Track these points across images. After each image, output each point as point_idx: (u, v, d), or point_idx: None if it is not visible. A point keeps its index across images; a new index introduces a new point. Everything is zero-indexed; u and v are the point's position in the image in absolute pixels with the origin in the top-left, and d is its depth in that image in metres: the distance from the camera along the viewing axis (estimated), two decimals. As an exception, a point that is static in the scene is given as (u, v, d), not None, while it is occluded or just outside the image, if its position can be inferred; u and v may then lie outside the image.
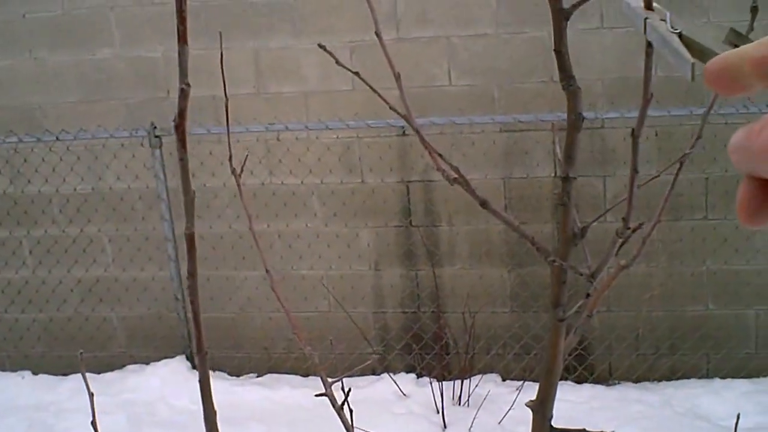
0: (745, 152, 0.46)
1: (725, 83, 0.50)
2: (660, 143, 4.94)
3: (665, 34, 1.04)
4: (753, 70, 0.49)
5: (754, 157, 0.45)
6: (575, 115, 1.57)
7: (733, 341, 5.18)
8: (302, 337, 1.98)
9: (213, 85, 5.32)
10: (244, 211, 5.48)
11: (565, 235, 1.71)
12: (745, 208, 0.49)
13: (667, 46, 1.03)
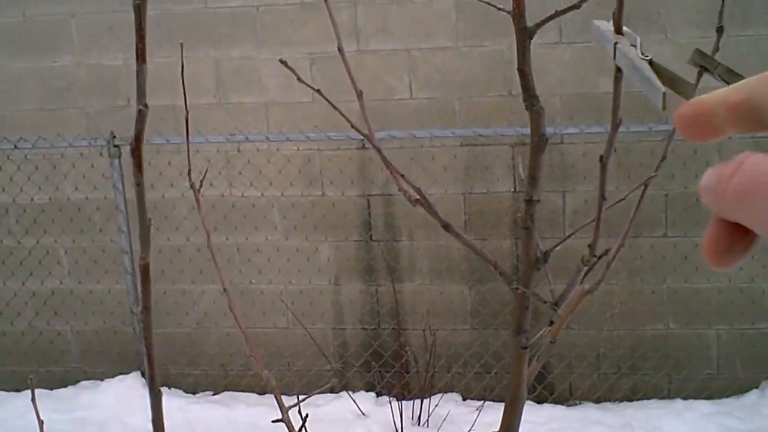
0: (717, 196, 0.45)
1: (698, 129, 0.49)
2: (619, 159, 4.92)
3: (635, 60, 1.08)
4: (729, 116, 0.48)
5: (726, 203, 0.44)
6: (539, 137, 1.56)
7: (694, 361, 5.13)
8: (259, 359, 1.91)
9: (174, 94, 5.27)
10: (202, 224, 5.42)
11: (527, 259, 1.68)
12: (713, 248, 0.48)
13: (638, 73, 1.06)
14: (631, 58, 1.09)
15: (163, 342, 5.64)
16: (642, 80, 1.06)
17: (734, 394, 5.08)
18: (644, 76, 1.05)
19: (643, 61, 1.07)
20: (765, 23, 4.73)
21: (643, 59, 1.08)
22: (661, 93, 1.01)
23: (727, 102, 0.47)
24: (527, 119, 5.53)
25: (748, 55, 4.77)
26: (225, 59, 5.16)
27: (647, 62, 1.07)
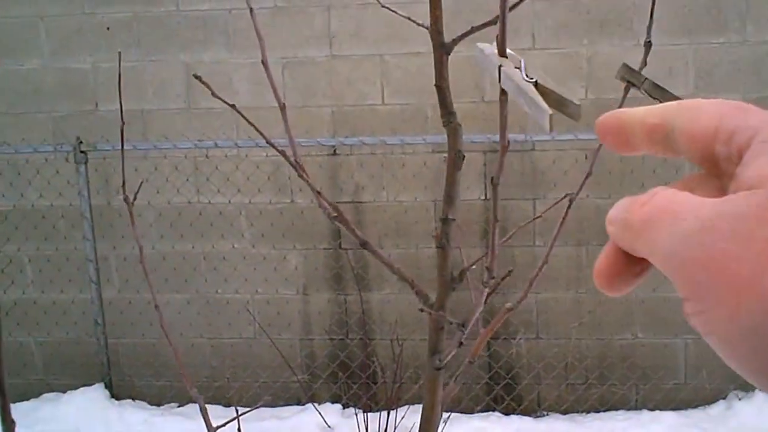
0: (624, 225, 0.45)
1: (616, 141, 0.50)
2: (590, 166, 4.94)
3: (520, 82, 1.08)
4: (644, 136, 0.49)
5: (631, 233, 0.44)
6: (455, 153, 1.54)
7: (662, 371, 5.13)
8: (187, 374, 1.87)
9: (142, 98, 5.23)
10: (168, 231, 5.35)
11: (442, 279, 1.65)
12: (605, 273, 0.48)
13: (523, 95, 1.07)
14: (515, 80, 1.08)
15: (128, 353, 5.54)
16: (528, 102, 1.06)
17: (701, 405, 5.08)
18: (529, 98, 1.05)
19: (528, 84, 1.07)
20: (736, 30, 4.80)
21: (528, 81, 1.07)
22: (548, 114, 1.01)
23: (644, 122, 0.48)
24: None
25: (720, 62, 4.83)
26: (196, 63, 5.13)
27: (532, 84, 1.06)
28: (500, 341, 5.21)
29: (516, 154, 4.98)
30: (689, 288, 0.41)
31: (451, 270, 1.63)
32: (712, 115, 0.45)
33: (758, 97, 4.84)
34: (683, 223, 0.41)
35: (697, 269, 0.40)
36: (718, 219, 0.40)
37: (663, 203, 0.43)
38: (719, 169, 0.45)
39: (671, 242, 0.41)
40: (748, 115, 0.44)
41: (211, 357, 5.49)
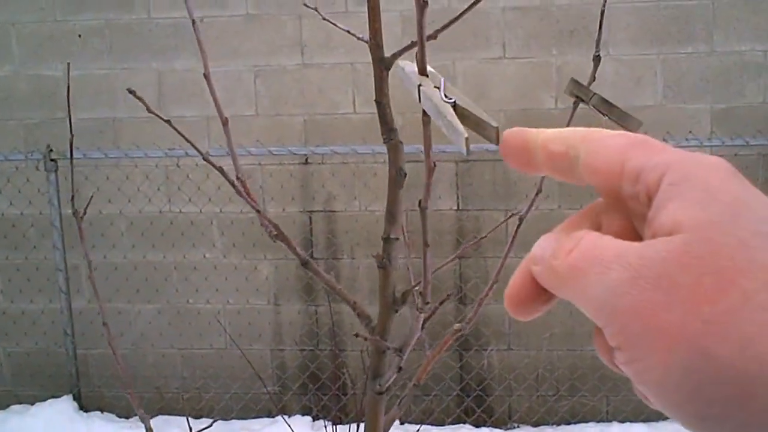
0: (550, 271, 0.45)
1: (518, 160, 0.50)
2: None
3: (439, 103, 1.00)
4: (546, 160, 0.49)
5: (558, 279, 0.45)
6: (396, 171, 1.50)
7: (632, 383, 5.10)
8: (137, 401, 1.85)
9: (114, 106, 5.20)
10: (139, 240, 5.31)
11: (384, 300, 1.60)
12: (514, 299, 0.49)
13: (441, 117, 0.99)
14: (434, 101, 1.02)
15: (97, 363, 5.48)
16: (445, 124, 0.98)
17: (670, 418, 5.05)
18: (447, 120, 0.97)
19: (446, 105, 0.99)
20: (704, 40, 4.83)
21: (446, 102, 1.00)
22: (464, 137, 0.95)
23: (547, 148, 0.48)
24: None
25: (688, 72, 4.85)
26: (167, 71, 5.11)
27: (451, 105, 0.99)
28: (472, 352, 5.19)
29: (488, 164, 4.99)
30: (621, 338, 0.41)
31: (394, 291, 1.59)
32: (617, 149, 0.44)
33: (726, 107, 4.87)
34: (611, 273, 0.41)
35: (628, 319, 0.40)
36: (643, 267, 0.40)
37: (589, 250, 0.42)
38: (625, 205, 0.45)
39: (601, 292, 0.41)
40: (653, 152, 0.43)
41: (182, 368, 5.43)
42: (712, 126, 4.89)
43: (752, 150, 4.83)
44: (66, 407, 5.41)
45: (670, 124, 4.87)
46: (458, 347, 5.17)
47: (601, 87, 5.19)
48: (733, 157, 4.87)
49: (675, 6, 4.82)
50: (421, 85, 1.05)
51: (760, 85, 4.85)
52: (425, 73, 1.08)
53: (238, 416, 5.36)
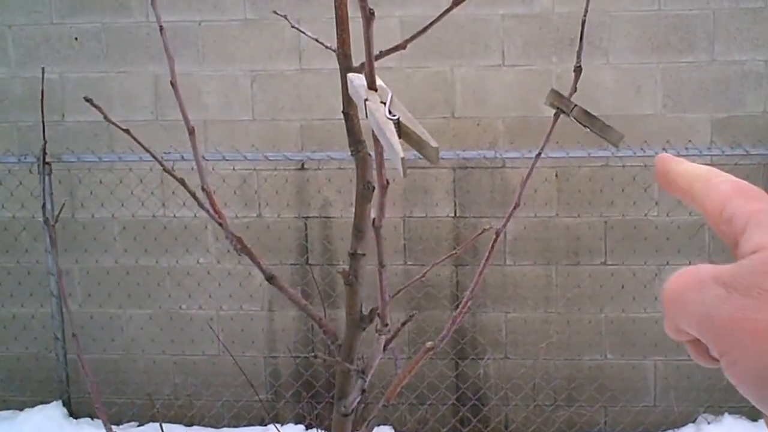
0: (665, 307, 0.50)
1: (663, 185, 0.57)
2: (560, 185, 4.91)
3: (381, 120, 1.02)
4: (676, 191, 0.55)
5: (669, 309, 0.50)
6: (364, 184, 1.46)
7: (631, 393, 5.07)
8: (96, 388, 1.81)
9: (110, 110, 5.12)
10: (132, 245, 5.25)
11: (350, 318, 1.55)
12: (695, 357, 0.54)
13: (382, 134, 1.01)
14: (377, 117, 1.04)
15: (88, 369, 5.40)
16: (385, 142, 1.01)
17: (670, 428, 5.01)
18: (386, 138, 1.00)
19: (388, 122, 1.02)
20: (704, 50, 4.81)
21: (389, 119, 1.02)
22: (399, 158, 0.96)
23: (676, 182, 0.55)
24: (470, 142, 5.54)
25: (688, 81, 4.83)
26: (164, 75, 5.06)
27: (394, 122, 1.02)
28: (468, 361, 5.14)
29: (486, 171, 4.95)
30: (721, 343, 0.46)
31: (361, 308, 1.54)
32: (721, 195, 0.51)
33: (726, 116, 4.84)
34: (709, 291, 0.46)
35: (725, 326, 0.45)
36: (735, 281, 0.45)
37: (690, 274, 0.48)
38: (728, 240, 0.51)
39: (702, 308, 0.46)
40: (747, 201, 0.50)
41: (174, 374, 5.37)
42: (712, 135, 4.86)
43: (752, 160, 4.81)
44: (55, 413, 5.34)
45: (669, 134, 4.84)
46: (454, 356, 5.12)
47: (600, 95, 5.16)
48: (733, 166, 4.84)
49: (675, 15, 4.80)
50: (368, 99, 1.08)
51: (761, 95, 4.82)
52: (374, 88, 1.12)
53: (230, 424, 5.30)
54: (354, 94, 1.14)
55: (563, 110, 1.55)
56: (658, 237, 4.94)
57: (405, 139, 1.01)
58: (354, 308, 1.53)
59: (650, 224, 4.93)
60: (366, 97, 1.08)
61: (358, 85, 1.13)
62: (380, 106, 1.04)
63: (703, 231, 4.91)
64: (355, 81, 1.15)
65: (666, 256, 4.95)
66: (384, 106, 1.05)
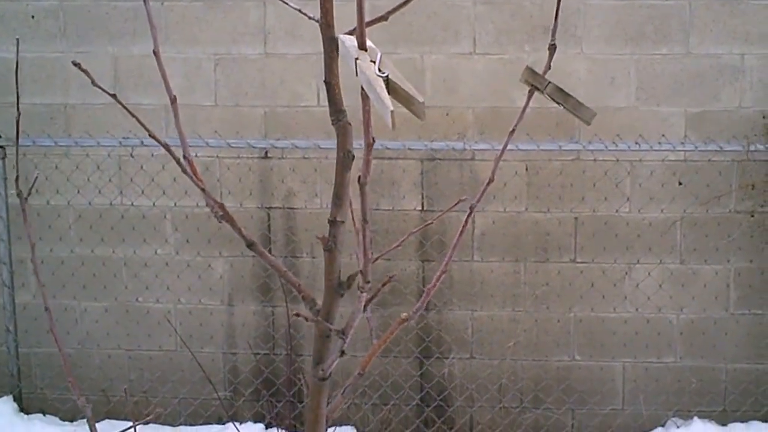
0: None
1: None
2: (530, 178, 4.78)
3: (372, 77, 1.10)
4: None
5: None
6: (344, 153, 1.49)
7: (599, 396, 4.93)
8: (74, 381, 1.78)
9: (66, 91, 4.99)
10: (88, 234, 5.07)
11: (329, 284, 1.59)
12: None
13: (372, 90, 1.09)
14: (368, 75, 1.10)
15: (41, 363, 5.22)
16: (375, 97, 1.08)
17: (639, 432, 4.89)
18: (376, 93, 1.07)
19: (378, 78, 1.09)
20: (679, 42, 4.70)
21: (379, 76, 1.09)
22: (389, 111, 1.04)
23: None
24: (439, 133, 5.39)
25: (662, 74, 4.72)
26: (124, 56, 4.90)
27: (383, 79, 1.09)
28: (432, 360, 4.99)
29: (455, 164, 4.81)
30: None
31: (339, 274, 1.57)
32: None
33: (701, 111, 4.73)
34: None
35: None
36: None
37: None
38: None
39: None
40: None
41: (129, 369, 5.18)
42: (686, 130, 4.75)
43: (726, 156, 4.71)
44: (5, 409, 5.15)
45: (642, 127, 4.73)
46: (419, 354, 4.97)
47: (573, 85, 5.04)
48: (706, 162, 4.74)
49: (651, 5, 4.68)
50: (358, 58, 1.15)
51: (737, 89, 4.72)
52: (364, 48, 1.17)
53: (187, 422, 5.13)
54: (345, 54, 1.20)
55: (537, 87, 1.60)
56: (629, 234, 4.81)
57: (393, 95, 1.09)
58: (333, 274, 1.56)
59: (621, 221, 4.81)
60: (356, 56, 1.15)
61: (349, 45, 1.19)
62: (370, 65, 1.12)
63: (675, 228, 4.79)
64: (346, 41, 1.22)
65: (637, 254, 4.82)
66: (374, 65, 1.12)
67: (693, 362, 4.89)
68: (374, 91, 1.08)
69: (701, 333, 4.87)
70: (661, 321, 4.86)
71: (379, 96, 1.06)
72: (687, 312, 4.86)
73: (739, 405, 4.90)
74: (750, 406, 4.89)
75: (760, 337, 4.84)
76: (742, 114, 4.73)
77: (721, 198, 4.75)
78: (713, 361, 4.89)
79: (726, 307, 4.85)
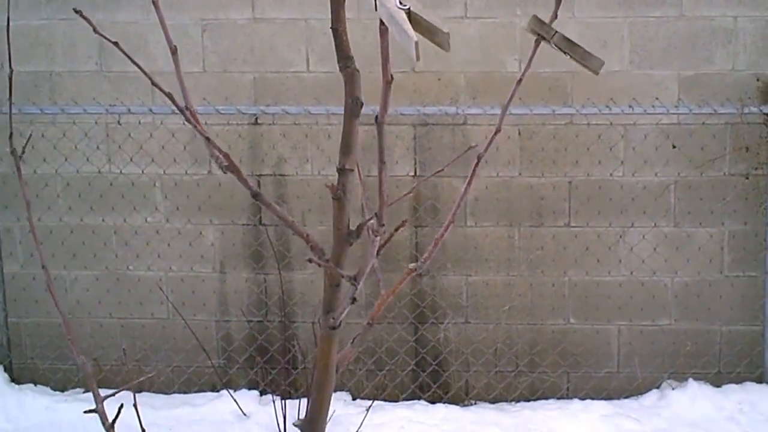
0: None
1: None
2: (523, 143, 4.74)
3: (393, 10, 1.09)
4: None
5: None
6: (353, 100, 1.47)
7: (594, 359, 4.95)
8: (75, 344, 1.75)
9: (52, 59, 4.89)
10: (77, 202, 5.00)
11: (338, 233, 1.59)
12: None
13: (394, 23, 1.09)
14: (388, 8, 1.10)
15: (31, 333, 5.19)
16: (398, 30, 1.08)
17: (633, 395, 4.91)
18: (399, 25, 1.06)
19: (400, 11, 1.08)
20: (672, 4, 4.64)
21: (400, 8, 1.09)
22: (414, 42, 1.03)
23: None
24: (431, 98, 5.32)
25: (655, 37, 4.66)
26: (109, 23, 4.79)
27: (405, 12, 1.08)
28: (427, 325, 4.98)
29: (447, 128, 4.76)
30: None
31: (348, 223, 1.57)
32: None
33: (694, 74, 4.69)
34: None
35: None
36: None
37: None
38: None
39: None
40: None
41: (121, 338, 5.15)
42: (679, 93, 4.71)
43: (720, 119, 4.67)
44: (-6, 380, 5.12)
45: (636, 91, 4.68)
46: (414, 320, 4.96)
47: (568, 47, 4.90)
48: (700, 125, 4.70)
49: (646, -35, 4.62)
50: None
51: (730, 52, 4.67)
52: None
53: (180, 390, 5.11)
54: None
55: (544, 37, 1.60)
56: (623, 198, 4.79)
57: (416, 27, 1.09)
58: (342, 223, 1.57)
59: (615, 184, 4.78)
60: None
61: None
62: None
63: (669, 192, 4.77)
64: None
65: (631, 217, 4.81)
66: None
67: (687, 325, 4.91)
68: (396, 24, 1.07)
69: (696, 295, 4.88)
70: (656, 284, 4.87)
71: (402, 28, 1.05)
72: (681, 275, 4.87)
73: (733, 367, 4.93)
74: (744, 367, 4.92)
75: (754, 299, 4.86)
76: (736, 77, 4.68)
77: (715, 161, 4.73)
78: (708, 323, 4.91)
79: (720, 270, 4.85)
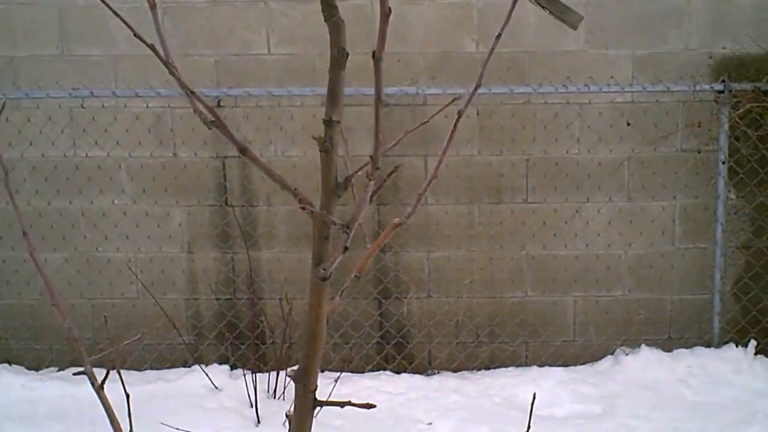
0: None
1: None
2: (482, 122, 4.84)
3: None
4: None
5: None
6: (339, 50, 1.44)
7: (551, 328, 5.12)
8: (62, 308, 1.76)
9: (13, 44, 4.90)
10: (43, 186, 5.05)
11: (326, 185, 1.56)
12: None
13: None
14: None
15: (4, 314, 5.26)
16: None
17: (589, 361, 5.10)
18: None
19: None
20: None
21: None
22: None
23: None
24: (391, 79, 5.36)
25: (610, 17, 4.75)
26: (70, 6, 4.81)
27: None
28: (391, 300, 5.12)
29: (407, 108, 4.85)
30: None
31: (336, 176, 1.54)
32: None
33: (648, 53, 4.81)
34: None
35: None
36: None
37: None
38: None
39: None
40: None
41: (92, 318, 5.24)
42: (633, 72, 4.83)
43: (673, 96, 4.80)
44: (-30, 360, 5.19)
45: (591, 70, 4.80)
46: (378, 295, 5.09)
47: (522, 31, 5.05)
48: (654, 103, 4.83)
49: (599, -53, 4.71)
50: None
51: (683, 31, 4.79)
52: None
53: (153, 367, 5.22)
54: None
55: None
56: (579, 174, 4.93)
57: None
58: (330, 175, 1.54)
59: (571, 161, 4.92)
60: None
61: None
62: None
63: (623, 168, 4.92)
64: None
65: (587, 193, 4.95)
66: None
67: (640, 294, 5.09)
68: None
69: (648, 267, 5.06)
70: (611, 256, 5.03)
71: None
72: (635, 247, 5.03)
73: (683, 333, 5.12)
74: (694, 333, 5.11)
75: (704, 269, 5.04)
76: (689, 55, 4.81)
77: (667, 137, 4.87)
78: (659, 292, 5.09)
79: (672, 242, 5.02)
